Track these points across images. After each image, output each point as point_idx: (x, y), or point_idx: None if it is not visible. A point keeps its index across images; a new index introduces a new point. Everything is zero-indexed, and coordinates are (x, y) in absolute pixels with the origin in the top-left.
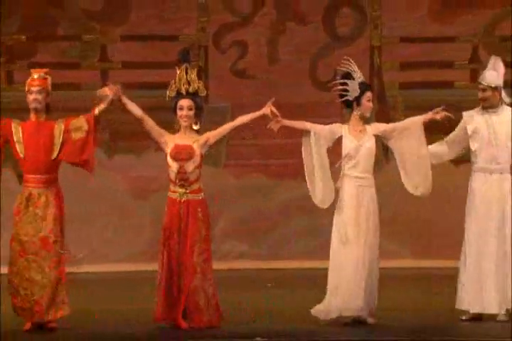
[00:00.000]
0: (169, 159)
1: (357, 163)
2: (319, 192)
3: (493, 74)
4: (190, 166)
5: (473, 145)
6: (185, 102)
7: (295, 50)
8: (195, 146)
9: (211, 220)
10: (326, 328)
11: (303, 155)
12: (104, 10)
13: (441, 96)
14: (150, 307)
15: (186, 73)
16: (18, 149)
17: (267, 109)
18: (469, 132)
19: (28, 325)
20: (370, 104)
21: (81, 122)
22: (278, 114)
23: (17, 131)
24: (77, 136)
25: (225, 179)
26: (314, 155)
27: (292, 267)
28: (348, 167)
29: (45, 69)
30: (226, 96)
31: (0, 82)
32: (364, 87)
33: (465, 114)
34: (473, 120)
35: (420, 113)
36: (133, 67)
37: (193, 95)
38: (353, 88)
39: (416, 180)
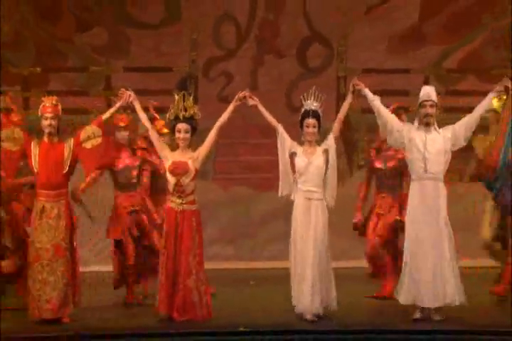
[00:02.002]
0: (168, 174)
1: (307, 179)
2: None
3: (433, 91)
4: (186, 180)
5: (408, 155)
6: (182, 126)
7: (273, 79)
8: (190, 163)
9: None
10: (300, 321)
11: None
12: (108, 45)
13: None
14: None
15: (183, 100)
16: (33, 164)
17: (241, 96)
18: (406, 140)
19: (34, 317)
20: (309, 130)
21: (92, 130)
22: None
23: (35, 149)
24: (93, 143)
25: (214, 190)
26: (280, 151)
27: (271, 267)
28: (300, 182)
29: (55, 97)
30: (213, 119)
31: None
32: (304, 115)
33: (408, 124)
34: (411, 132)
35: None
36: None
37: (189, 119)
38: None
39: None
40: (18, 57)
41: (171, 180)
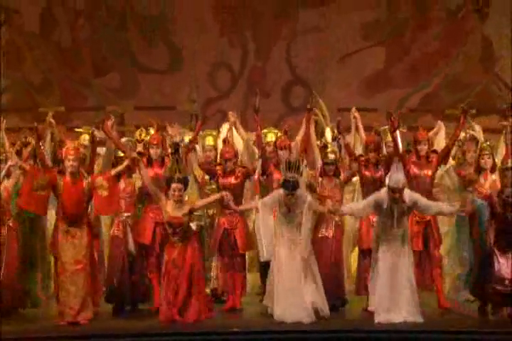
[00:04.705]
0: (166, 225)
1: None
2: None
3: (401, 177)
4: (182, 229)
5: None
6: (177, 186)
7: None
8: (185, 217)
9: None
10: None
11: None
12: (121, 87)
13: None
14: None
15: (177, 163)
16: (58, 195)
17: (222, 195)
18: (373, 208)
19: (60, 322)
20: (289, 201)
21: (101, 182)
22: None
23: (60, 182)
24: (103, 193)
25: None
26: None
27: None
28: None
29: (77, 142)
30: None
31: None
32: (284, 186)
33: (378, 195)
34: (380, 204)
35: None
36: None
37: (182, 179)
38: None
39: None
40: (46, 98)
41: (169, 229)
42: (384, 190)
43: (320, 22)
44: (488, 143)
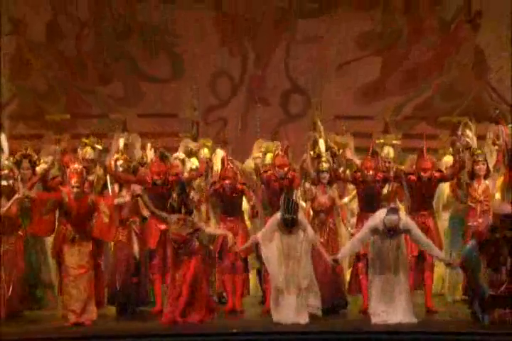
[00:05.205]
0: (171, 239)
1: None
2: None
3: (395, 218)
4: (184, 246)
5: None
6: (180, 217)
7: (260, 123)
8: (189, 236)
9: None
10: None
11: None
12: (124, 95)
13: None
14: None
15: (184, 202)
16: (64, 209)
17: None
18: (369, 235)
19: (64, 323)
20: (289, 240)
21: (103, 208)
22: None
23: (65, 197)
24: (104, 219)
25: None
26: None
27: None
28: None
29: (81, 166)
30: None
31: None
32: (284, 223)
33: (373, 223)
34: (376, 229)
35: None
36: (145, 136)
37: (188, 211)
38: None
39: None
40: (52, 106)
41: (173, 243)
42: (379, 215)
43: (318, 32)
44: (479, 151)
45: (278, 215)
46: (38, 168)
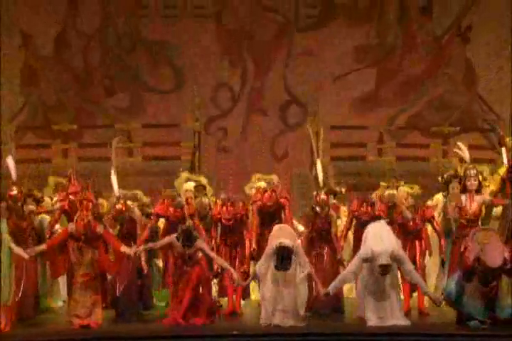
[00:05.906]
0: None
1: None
2: None
3: (387, 255)
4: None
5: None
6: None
7: (259, 133)
8: (192, 253)
9: None
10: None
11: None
12: (129, 107)
13: (358, 167)
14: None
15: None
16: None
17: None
18: (361, 265)
19: (75, 325)
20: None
21: (113, 252)
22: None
23: (71, 228)
24: (110, 256)
25: None
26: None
27: None
28: None
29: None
30: (212, 163)
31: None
32: (279, 252)
33: (365, 254)
34: (368, 259)
35: (345, 178)
36: (149, 146)
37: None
38: None
39: None
40: (59, 117)
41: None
42: (370, 245)
43: (314, 45)
44: (471, 166)
45: (273, 245)
46: (56, 206)
